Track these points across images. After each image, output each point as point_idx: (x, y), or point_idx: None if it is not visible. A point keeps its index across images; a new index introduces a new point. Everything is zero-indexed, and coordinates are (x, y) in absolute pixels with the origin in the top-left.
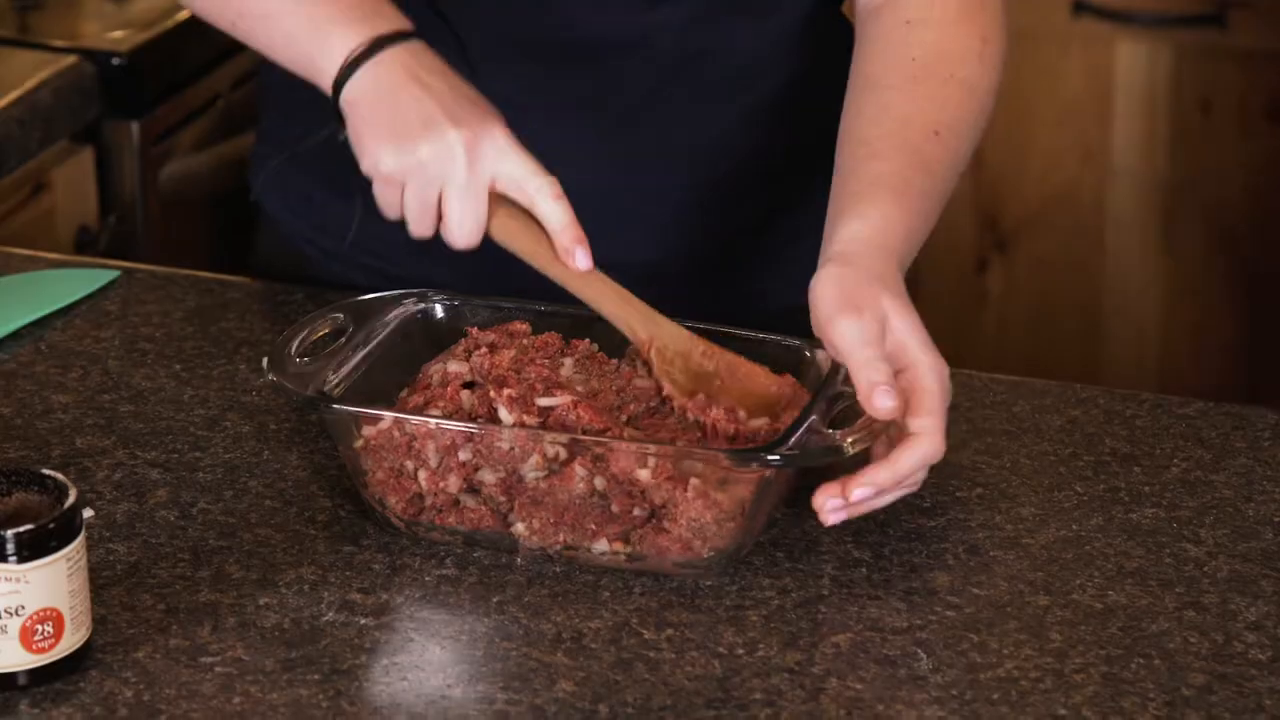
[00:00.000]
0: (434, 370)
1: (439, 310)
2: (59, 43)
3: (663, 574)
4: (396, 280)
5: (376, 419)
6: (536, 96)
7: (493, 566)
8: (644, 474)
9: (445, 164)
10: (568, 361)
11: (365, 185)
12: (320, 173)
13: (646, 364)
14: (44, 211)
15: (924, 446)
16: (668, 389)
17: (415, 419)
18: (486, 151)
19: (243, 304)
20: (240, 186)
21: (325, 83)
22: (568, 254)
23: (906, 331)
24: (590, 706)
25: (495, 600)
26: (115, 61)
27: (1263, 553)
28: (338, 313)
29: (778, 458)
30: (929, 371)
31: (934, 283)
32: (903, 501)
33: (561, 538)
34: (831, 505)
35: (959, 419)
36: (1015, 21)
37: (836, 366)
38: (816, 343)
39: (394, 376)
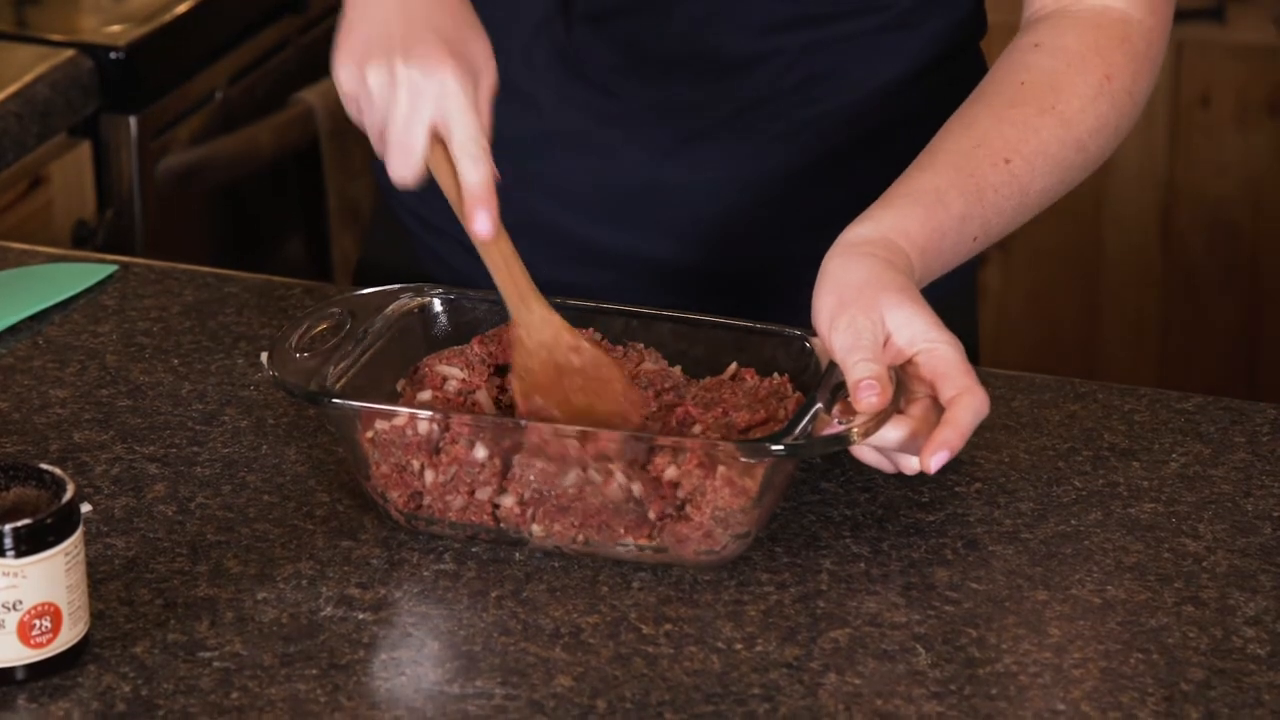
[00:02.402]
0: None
1: (436, 305)
2: (57, 36)
3: (680, 564)
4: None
5: (391, 414)
6: (632, 94)
7: (491, 561)
8: (671, 470)
9: (388, 98)
10: None
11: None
12: None
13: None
14: (41, 206)
15: (970, 401)
16: (512, 380)
17: (419, 428)
18: (429, 92)
19: (240, 298)
20: (236, 180)
21: None
22: (470, 218)
23: (909, 320)
24: (588, 701)
25: (494, 595)
26: (113, 56)
27: (1261, 548)
28: (335, 308)
29: (782, 448)
30: (942, 345)
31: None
32: (901, 496)
33: (582, 538)
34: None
35: None
36: (1013, 16)
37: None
38: (814, 332)
39: (393, 371)
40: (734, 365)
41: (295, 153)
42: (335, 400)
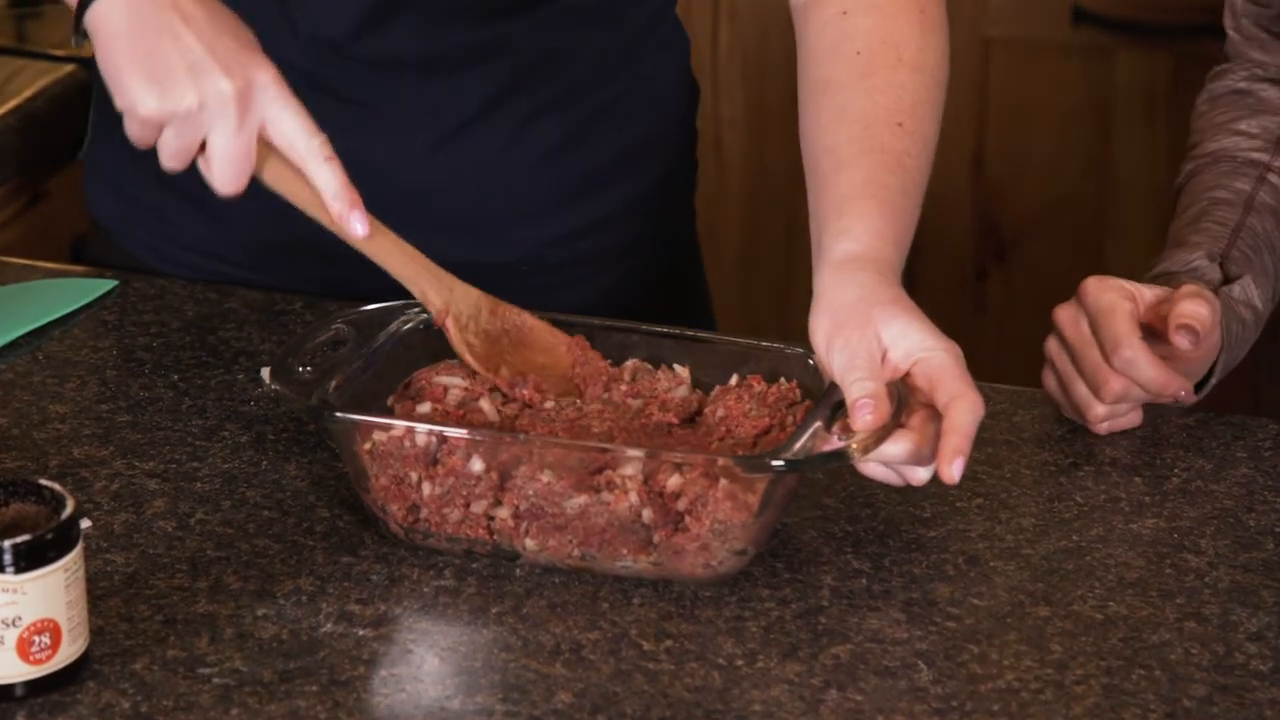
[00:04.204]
0: (452, 393)
1: None
2: (57, 52)
3: (676, 579)
4: (244, 283)
5: (388, 426)
6: (382, 102)
7: (491, 577)
8: (674, 480)
9: (214, 114)
10: None
11: (209, 193)
12: (161, 175)
13: (442, 331)
14: (41, 221)
15: (965, 405)
16: (469, 360)
17: (415, 439)
18: (258, 101)
19: (240, 314)
20: None
21: None
22: (343, 220)
23: (904, 332)
24: (589, 718)
25: (494, 611)
26: None
27: (1264, 563)
28: (339, 323)
29: (782, 463)
30: (938, 352)
31: (933, 291)
32: (903, 511)
33: (578, 554)
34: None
35: None
36: (1015, 31)
37: None
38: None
39: (394, 385)
40: (735, 376)
41: None
42: (335, 413)
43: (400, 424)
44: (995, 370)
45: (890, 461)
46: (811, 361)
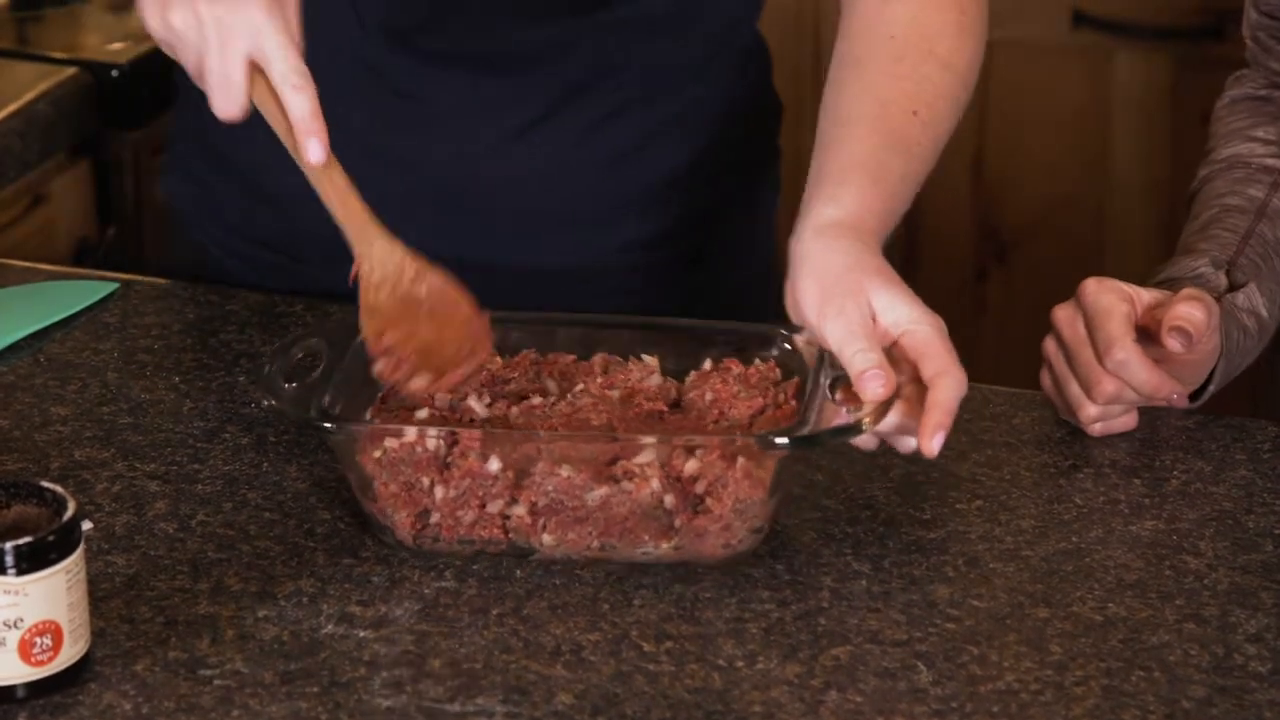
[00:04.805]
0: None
1: None
2: (58, 54)
3: (697, 562)
4: (310, 280)
5: (399, 432)
6: (441, 98)
7: (492, 579)
8: (691, 464)
9: (197, 38)
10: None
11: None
12: (225, 164)
13: (355, 281)
14: (43, 223)
15: (949, 381)
16: (361, 317)
17: (425, 439)
18: (239, 29)
19: (241, 316)
20: None
21: None
22: (301, 147)
23: (893, 303)
24: (589, 719)
25: (494, 613)
26: (114, 73)
27: (1263, 565)
28: (313, 336)
29: (796, 439)
30: (924, 326)
31: (933, 292)
32: (903, 513)
33: (598, 545)
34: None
35: (959, 430)
36: (1015, 32)
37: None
38: (794, 328)
39: (375, 393)
40: (709, 361)
41: None
42: (340, 424)
43: (411, 430)
44: (995, 372)
45: (884, 431)
46: (789, 344)
